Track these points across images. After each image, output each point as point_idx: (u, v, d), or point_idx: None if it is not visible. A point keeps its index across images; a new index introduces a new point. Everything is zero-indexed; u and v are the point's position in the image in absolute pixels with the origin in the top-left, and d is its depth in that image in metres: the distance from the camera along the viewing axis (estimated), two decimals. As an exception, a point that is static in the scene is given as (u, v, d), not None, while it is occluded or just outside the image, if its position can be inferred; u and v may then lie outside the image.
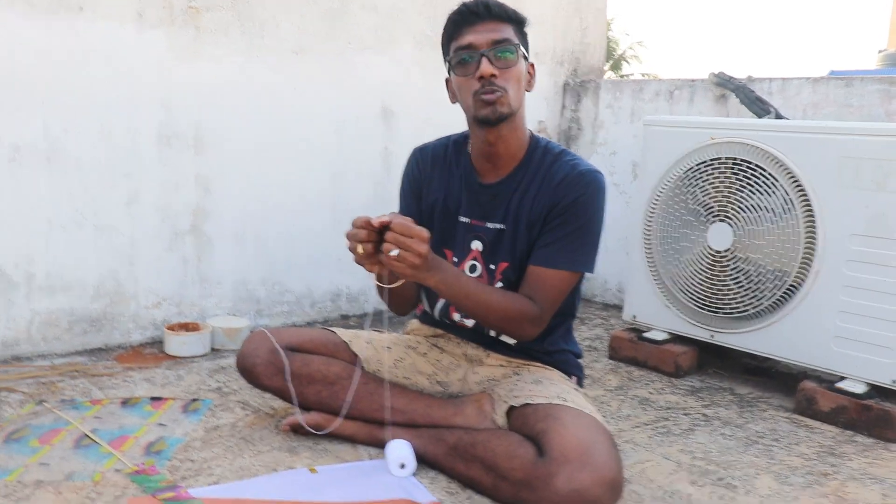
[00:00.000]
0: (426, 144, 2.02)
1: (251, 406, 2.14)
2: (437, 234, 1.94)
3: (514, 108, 1.77)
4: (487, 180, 1.88)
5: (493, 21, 1.74)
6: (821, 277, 2.27)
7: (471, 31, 1.74)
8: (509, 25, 1.76)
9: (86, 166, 2.48)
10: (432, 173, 1.96)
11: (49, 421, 1.98)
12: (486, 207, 1.87)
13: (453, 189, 1.92)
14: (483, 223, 1.88)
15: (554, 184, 1.80)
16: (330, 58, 2.95)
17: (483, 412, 1.79)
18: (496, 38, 1.72)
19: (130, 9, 2.49)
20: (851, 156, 2.20)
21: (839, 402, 2.22)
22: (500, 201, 1.86)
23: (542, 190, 1.81)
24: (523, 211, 1.83)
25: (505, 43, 1.73)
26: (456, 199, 1.92)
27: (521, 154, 1.86)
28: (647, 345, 2.68)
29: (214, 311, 2.83)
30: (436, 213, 1.94)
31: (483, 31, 1.73)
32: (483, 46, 1.72)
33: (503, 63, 1.73)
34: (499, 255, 1.86)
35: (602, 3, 3.94)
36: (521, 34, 1.80)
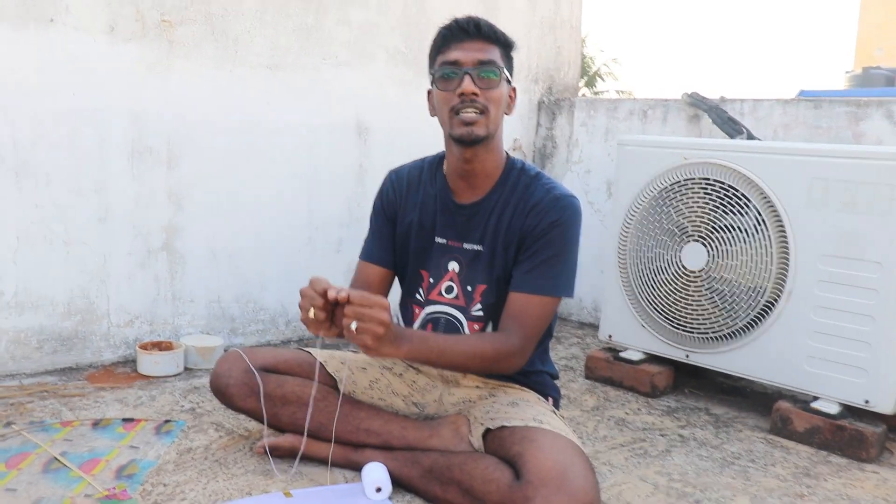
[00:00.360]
0: (402, 167, 2.02)
1: (225, 427, 2.11)
2: (413, 256, 1.94)
3: (492, 130, 1.77)
4: (463, 200, 1.88)
5: (482, 41, 1.76)
6: (793, 298, 2.29)
7: (458, 48, 1.75)
8: (496, 47, 1.78)
9: (56, 181, 2.44)
10: (407, 195, 1.96)
11: (17, 444, 1.93)
12: (462, 228, 1.87)
13: (428, 209, 1.92)
14: (460, 244, 1.87)
15: (529, 207, 1.80)
16: (304, 73, 2.94)
17: (459, 434, 1.78)
18: (482, 58, 1.74)
19: (102, 21, 2.46)
20: (821, 177, 2.23)
21: (813, 422, 2.24)
22: (476, 222, 1.86)
23: (518, 212, 1.81)
24: (500, 233, 1.83)
25: (490, 64, 1.74)
26: (431, 219, 1.91)
27: (498, 174, 1.86)
28: (623, 365, 2.69)
29: (188, 330, 2.79)
30: (412, 234, 1.93)
31: (470, 50, 1.74)
32: (468, 64, 1.73)
33: (486, 83, 1.74)
34: (476, 276, 1.86)
35: (576, 22, 3.98)
36: (508, 58, 1.82)
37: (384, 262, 1.98)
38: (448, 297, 1.89)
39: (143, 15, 2.54)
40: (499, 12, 3.57)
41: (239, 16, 2.74)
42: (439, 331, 1.89)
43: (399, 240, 1.96)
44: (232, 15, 2.73)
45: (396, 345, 1.59)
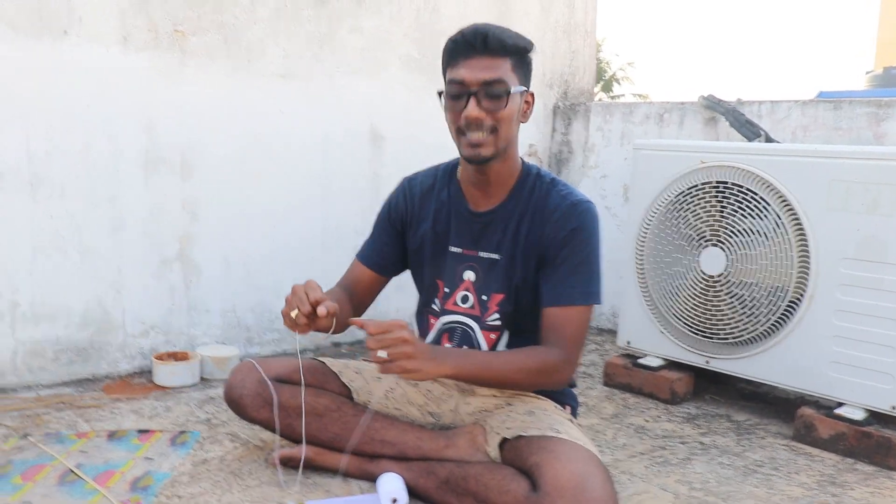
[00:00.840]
0: (415, 175, 1.99)
1: (240, 438, 2.10)
2: (428, 265, 1.91)
3: (501, 148, 1.73)
4: (479, 208, 1.85)
5: (490, 56, 1.67)
6: (815, 302, 2.25)
7: (464, 65, 1.68)
8: (507, 59, 1.68)
9: (70, 191, 2.45)
10: (420, 205, 1.94)
11: (33, 456, 1.93)
12: (478, 236, 1.85)
13: (441, 218, 1.90)
14: (475, 252, 1.85)
15: (548, 215, 1.77)
16: (317, 81, 2.93)
17: (475, 444, 1.75)
18: (488, 77, 1.66)
19: (115, 32, 2.47)
20: (842, 179, 2.19)
21: (838, 428, 2.19)
22: (492, 230, 1.83)
23: (536, 220, 1.78)
24: (519, 241, 1.80)
25: (497, 84, 1.66)
26: (445, 228, 1.89)
27: (513, 181, 1.83)
28: (642, 371, 2.65)
29: (203, 340, 2.79)
30: (426, 243, 1.91)
31: (476, 67, 1.66)
32: (473, 85, 1.66)
33: (493, 104, 1.67)
34: (492, 285, 1.83)
35: (591, 26, 3.95)
36: (522, 64, 1.73)
37: (377, 267, 1.98)
38: (464, 307, 1.86)
39: (156, 25, 2.54)
40: (512, 17, 3.55)
41: (252, 25, 2.74)
42: (455, 341, 1.88)
43: (414, 249, 1.94)
44: (244, 24, 2.73)
45: (438, 362, 1.57)
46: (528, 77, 1.77)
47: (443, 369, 1.59)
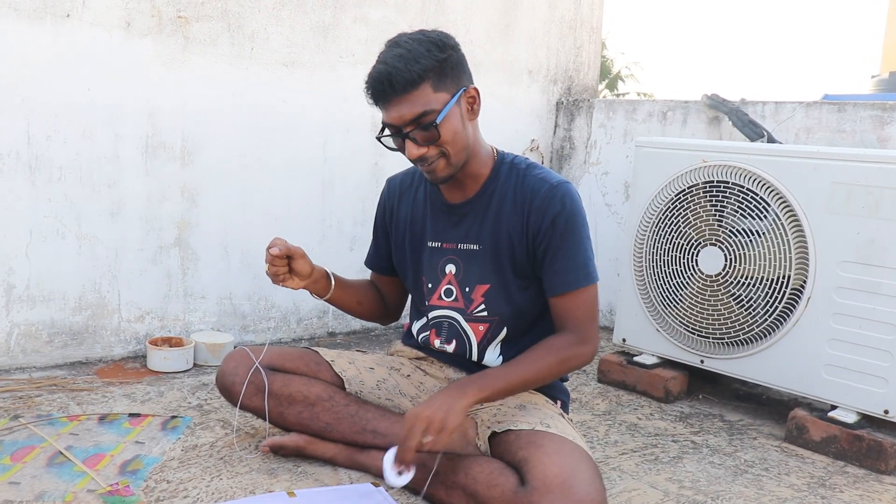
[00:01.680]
0: (396, 175, 2.02)
1: (232, 425, 2.10)
2: (411, 264, 1.92)
3: (457, 162, 1.71)
4: (454, 200, 1.84)
5: (404, 94, 1.61)
6: (812, 304, 2.24)
7: (386, 108, 1.65)
8: (425, 84, 1.61)
9: (69, 175, 2.45)
10: (399, 202, 1.95)
11: (23, 437, 1.93)
12: (456, 229, 1.84)
13: (418, 216, 1.90)
14: (454, 245, 1.84)
15: (529, 201, 1.75)
16: (320, 70, 2.92)
17: (466, 437, 1.75)
18: (413, 113, 1.62)
19: (118, 17, 2.46)
20: (843, 181, 2.18)
21: (830, 431, 2.19)
22: (470, 221, 1.82)
23: (518, 207, 1.77)
24: (501, 229, 1.78)
25: (424, 117, 1.62)
26: (421, 224, 1.89)
27: (487, 171, 1.82)
28: (637, 369, 2.64)
29: (199, 326, 2.79)
30: (405, 242, 1.92)
31: (397, 108, 1.62)
32: (403, 126, 1.64)
33: (427, 136, 1.64)
34: (474, 277, 1.82)
35: (597, 22, 3.94)
36: (444, 72, 1.64)
37: (386, 270, 2.03)
38: (448, 301, 1.86)
39: (159, 11, 2.53)
40: (519, 11, 3.54)
41: (255, 12, 2.73)
42: (442, 335, 1.88)
43: (396, 249, 1.95)
44: (248, 12, 2.72)
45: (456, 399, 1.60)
46: (461, 75, 1.69)
47: (467, 401, 1.60)
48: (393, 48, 1.65)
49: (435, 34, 1.68)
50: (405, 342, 2.04)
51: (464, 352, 1.87)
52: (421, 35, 1.67)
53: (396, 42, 1.66)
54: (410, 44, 1.63)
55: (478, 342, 1.85)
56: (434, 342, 1.90)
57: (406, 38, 1.66)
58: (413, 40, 1.65)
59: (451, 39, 1.70)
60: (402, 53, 1.61)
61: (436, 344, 1.89)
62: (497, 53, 3.49)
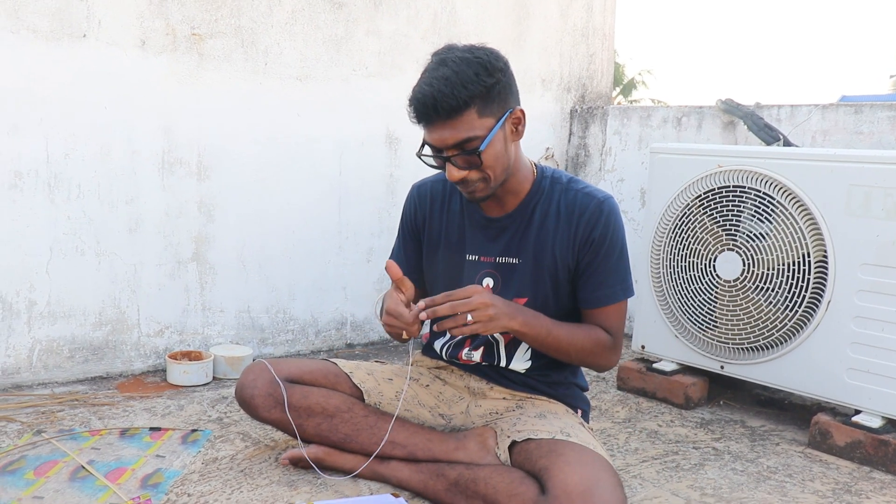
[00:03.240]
0: (424, 180, 1.98)
1: (251, 437, 2.11)
2: (443, 274, 1.90)
3: (496, 184, 1.70)
4: (494, 214, 1.84)
5: (448, 120, 1.58)
6: (832, 308, 2.22)
7: (429, 130, 1.62)
8: (470, 110, 1.58)
9: (87, 192, 2.47)
10: (431, 210, 1.93)
11: (46, 452, 1.95)
12: (495, 242, 1.83)
13: (454, 226, 1.89)
14: (492, 259, 1.83)
15: (576, 217, 1.76)
16: (334, 84, 2.94)
17: (486, 447, 1.74)
18: (456, 139, 1.59)
19: (133, 36, 2.49)
20: (861, 184, 2.16)
21: (854, 436, 2.16)
22: (510, 234, 1.82)
23: (562, 222, 1.77)
24: (545, 245, 1.78)
25: (467, 143, 1.60)
26: (459, 235, 1.88)
27: (527, 187, 1.81)
28: (656, 376, 2.63)
29: (217, 340, 2.80)
30: (440, 251, 1.91)
31: (441, 132, 1.60)
32: (444, 150, 1.63)
33: (469, 162, 1.63)
34: (513, 290, 1.81)
35: (609, 30, 3.94)
36: (490, 98, 1.60)
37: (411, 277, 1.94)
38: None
39: (173, 29, 2.56)
40: (531, 21, 3.54)
41: (268, 28, 2.76)
42: (478, 346, 1.87)
43: (428, 258, 1.94)
44: (261, 27, 2.74)
45: (511, 316, 1.64)
46: (507, 98, 1.65)
47: (513, 324, 1.64)
48: (440, 67, 1.59)
49: (484, 54, 1.62)
50: (425, 353, 2.03)
51: (491, 359, 1.87)
52: (469, 55, 1.60)
53: (443, 61, 1.60)
54: (458, 64, 1.57)
55: (505, 345, 1.85)
56: (461, 355, 1.89)
57: (454, 58, 1.59)
58: (461, 61, 1.58)
59: (501, 61, 1.64)
60: (449, 76, 1.56)
61: (463, 356, 1.89)
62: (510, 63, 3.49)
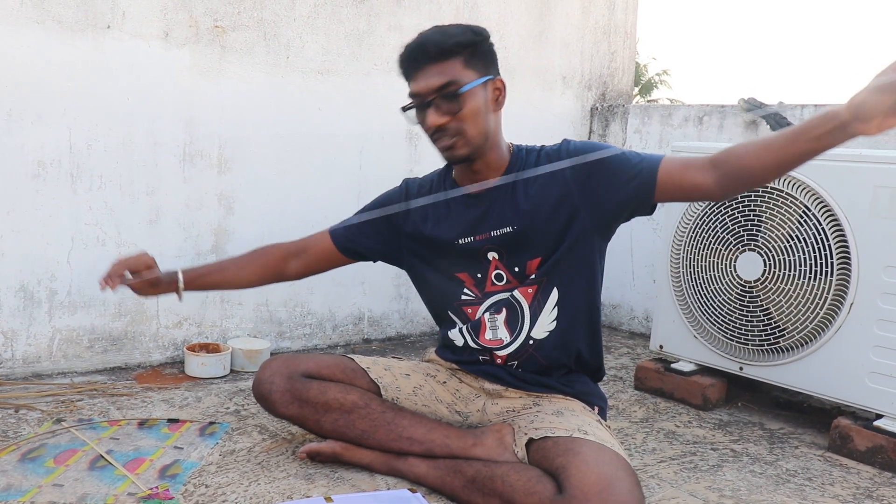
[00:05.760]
0: (415, 178, 2.04)
1: (269, 430, 2.11)
2: (438, 266, 1.92)
3: (476, 143, 1.75)
4: (476, 191, 1.86)
5: (435, 63, 1.69)
6: (854, 310, 2.20)
7: (416, 77, 1.73)
8: (457, 59, 1.70)
9: (109, 183, 2.49)
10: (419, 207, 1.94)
11: (66, 441, 1.96)
12: (485, 218, 1.84)
13: (441, 216, 1.90)
14: (487, 234, 1.83)
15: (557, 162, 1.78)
16: (355, 78, 2.94)
17: (503, 444, 1.74)
18: (439, 83, 1.69)
19: (157, 27, 2.50)
20: (887, 185, 2.14)
21: (876, 441, 2.14)
22: (499, 206, 1.82)
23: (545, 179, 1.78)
24: (533, 202, 1.79)
25: (449, 86, 1.69)
26: (446, 224, 1.89)
27: (506, 161, 1.85)
28: (675, 376, 2.61)
29: (235, 332, 2.81)
30: (427, 244, 1.92)
31: (426, 77, 1.70)
32: (427, 95, 1.70)
33: (451, 107, 1.70)
34: (522, 254, 1.82)
35: (631, 28, 3.91)
36: (480, 54, 1.73)
37: (343, 241, 2.02)
38: (500, 284, 1.86)
39: (196, 21, 2.57)
40: (553, 17, 3.53)
41: (291, 21, 2.76)
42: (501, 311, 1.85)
43: (411, 250, 1.96)
44: (284, 21, 2.75)
45: None
46: (491, 64, 1.77)
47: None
48: (431, 28, 1.76)
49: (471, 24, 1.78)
50: (439, 354, 2.03)
51: (515, 323, 1.85)
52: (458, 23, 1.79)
53: (428, 30, 1.76)
54: (447, 25, 1.76)
55: (528, 305, 1.84)
56: (484, 319, 1.87)
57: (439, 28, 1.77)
58: (450, 24, 1.77)
59: (487, 32, 1.77)
60: (439, 29, 1.74)
61: (486, 320, 1.87)
62: (531, 60, 3.48)
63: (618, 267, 3.53)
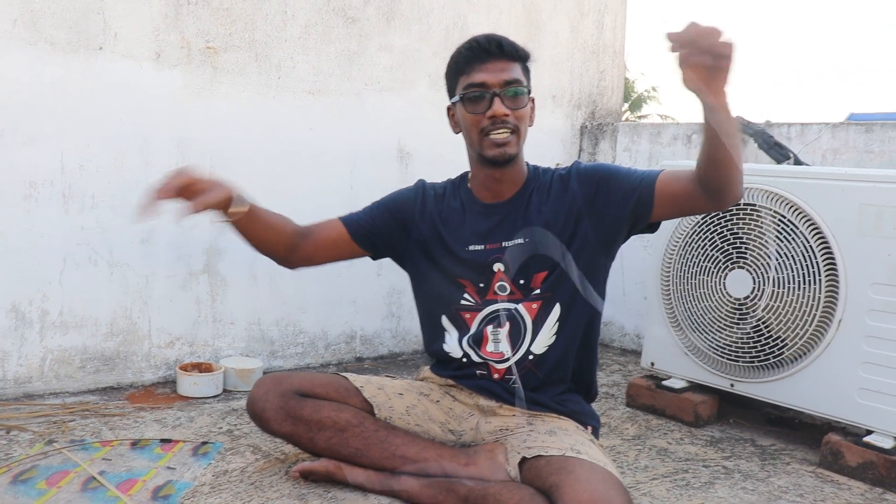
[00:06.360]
0: (431, 183, 2.06)
1: (262, 450, 2.11)
2: (442, 269, 1.93)
3: (520, 146, 1.83)
4: (494, 201, 1.92)
5: (505, 60, 1.79)
6: (843, 327, 2.22)
7: (482, 69, 1.79)
8: (518, 64, 1.81)
9: (101, 203, 2.49)
10: (430, 207, 1.97)
11: (58, 462, 1.95)
12: (498, 228, 1.88)
13: (454, 223, 1.93)
14: (498, 244, 1.87)
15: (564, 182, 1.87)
16: (346, 98, 2.96)
17: (496, 463, 1.74)
18: (508, 77, 1.78)
19: (149, 48, 2.52)
20: (872, 203, 2.16)
21: (867, 457, 2.15)
22: (511, 218, 1.88)
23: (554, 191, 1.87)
24: (545, 218, 1.85)
25: (516, 83, 1.79)
26: (459, 231, 1.92)
27: (524, 177, 1.92)
28: (666, 393, 2.63)
29: (227, 352, 2.81)
30: (437, 247, 1.94)
31: (494, 70, 1.78)
32: (496, 86, 1.77)
33: (514, 103, 1.78)
34: (531, 267, 1.85)
35: (619, 47, 3.95)
36: (527, 71, 1.85)
37: (355, 227, 2.01)
38: (503, 295, 1.88)
39: (188, 42, 2.58)
40: (542, 37, 3.56)
41: (282, 42, 2.78)
42: (503, 324, 1.88)
43: (420, 251, 1.97)
44: (275, 41, 2.76)
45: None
46: (530, 85, 1.87)
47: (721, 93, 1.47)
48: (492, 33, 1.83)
49: None
50: (434, 370, 2.04)
51: (517, 336, 1.87)
52: None
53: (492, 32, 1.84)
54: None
55: (532, 320, 1.86)
56: (487, 333, 1.89)
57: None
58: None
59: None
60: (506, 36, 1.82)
61: (489, 333, 1.89)
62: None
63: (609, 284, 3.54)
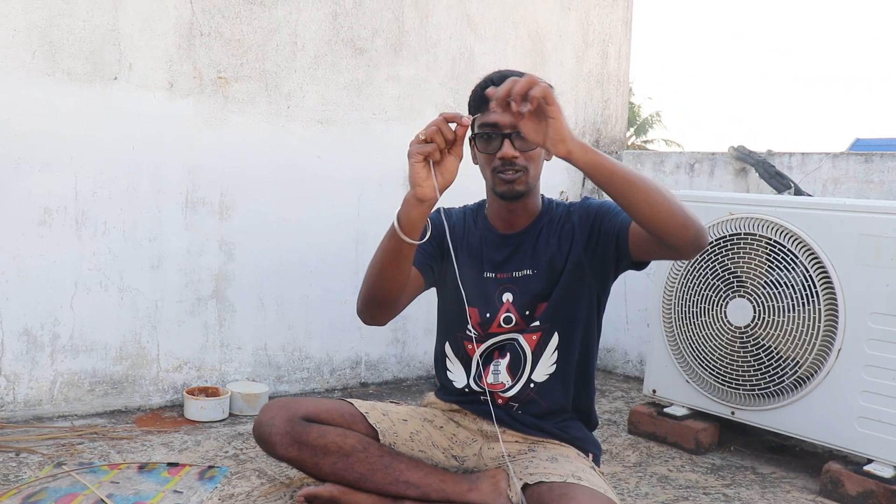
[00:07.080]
0: (449, 208, 2.08)
1: (267, 475, 2.14)
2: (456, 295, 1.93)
3: (532, 185, 1.84)
4: (508, 231, 1.95)
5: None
6: (843, 356, 2.24)
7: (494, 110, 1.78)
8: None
9: (113, 230, 2.54)
10: (453, 230, 1.99)
11: (66, 484, 1.98)
12: (510, 258, 1.92)
13: (473, 247, 1.97)
14: (510, 274, 1.91)
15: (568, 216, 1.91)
16: (354, 127, 3.02)
17: (498, 489, 1.77)
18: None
19: (162, 78, 2.58)
20: (871, 233, 2.20)
21: (867, 486, 2.17)
22: (525, 249, 1.92)
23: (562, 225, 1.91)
24: (553, 250, 1.89)
25: None
26: (478, 256, 1.96)
27: (539, 209, 1.95)
28: (667, 420, 2.65)
29: (234, 376, 2.85)
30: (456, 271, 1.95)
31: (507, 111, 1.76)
32: (507, 128, 1.76)
33: (524, 145, 1.78)
34: (535, 299, 1.89)
35: (623, 76, 4.01)
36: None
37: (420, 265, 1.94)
38: (507, 327, 1.91)
39: (200, 72, 2.65)
40: (547, 66, 3.62)
41: (292, 72, 2.84)
42: (505, 356, 1.91)
43: (443, 273, 1.99)
44: (285, 71, 2.83)
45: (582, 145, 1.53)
46: None
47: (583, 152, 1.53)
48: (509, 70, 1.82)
49: None
50: (438, 396, 2.07)
51: (518, 367, 1.90)
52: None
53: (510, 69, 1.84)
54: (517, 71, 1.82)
55: (532, 350, 1.90)
56: (489, 369, 1.92)
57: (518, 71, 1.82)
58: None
59: None
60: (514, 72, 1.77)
61: (490, 369, 1.92)
62: (526, 108, 3.56)
63: (612, 311, 3.57)
